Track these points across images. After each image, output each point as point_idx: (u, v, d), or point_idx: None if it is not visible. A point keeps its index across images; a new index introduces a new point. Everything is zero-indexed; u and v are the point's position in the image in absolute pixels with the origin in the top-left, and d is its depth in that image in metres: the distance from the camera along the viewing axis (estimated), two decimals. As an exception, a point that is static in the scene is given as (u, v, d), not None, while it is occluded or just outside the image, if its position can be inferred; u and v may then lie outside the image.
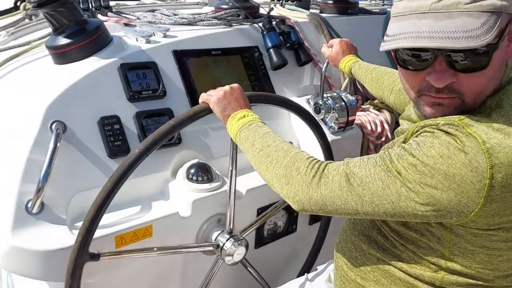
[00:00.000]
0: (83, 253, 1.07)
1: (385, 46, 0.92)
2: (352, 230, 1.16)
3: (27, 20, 1.98)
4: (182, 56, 1.57)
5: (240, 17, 1.86)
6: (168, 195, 1.42)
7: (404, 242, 1.03)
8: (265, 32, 1.81)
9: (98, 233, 1.17)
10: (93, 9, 1.82)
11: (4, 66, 1.58)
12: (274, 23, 1.89)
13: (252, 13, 1.88)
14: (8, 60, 1.59)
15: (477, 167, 0.82)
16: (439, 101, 0.93)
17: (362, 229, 1.13)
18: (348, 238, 1.17)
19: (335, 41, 1.77)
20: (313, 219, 1.80)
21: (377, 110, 1.98)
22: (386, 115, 1.95)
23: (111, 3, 2.06)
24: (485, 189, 0.82)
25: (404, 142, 0.97)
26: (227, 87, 1.22)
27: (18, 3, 2.18)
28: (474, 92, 0.91)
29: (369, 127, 1.89)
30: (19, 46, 1.66)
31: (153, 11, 2.06)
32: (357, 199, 0.92)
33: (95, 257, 1.10)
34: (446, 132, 0.86)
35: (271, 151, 1.06)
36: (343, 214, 0.96)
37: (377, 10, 2.49)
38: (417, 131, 0.94)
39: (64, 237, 1.16)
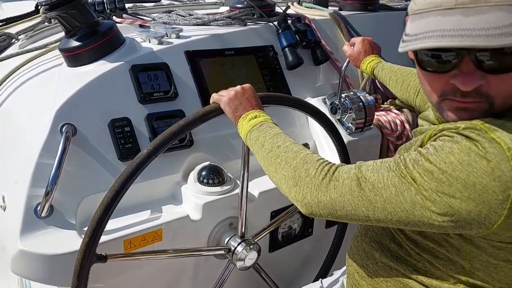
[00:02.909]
0: (89, 254, 1.05)
1: (406, 46, 0.85)
2: (363, 237, 1.10)
3: (46, 23, 2.01)
4: (194, 57, 1.55)
5: (255, 16, 1.83)
6: (179, 198, 1.40)
7: (420, 251, 0.97)
8: (280, 31, 1.77)
9: (106, 237, 1.17)
10: (108, 11, 1.82)
11: (20, 69, 1.59)
12: (289, 21, 1.85)
13: (267, 12, 1.84)
14: (25, 64, 1.61)
15: (500, 176, 0.75)
16: (464, 106, 0.85)
17: (374, 236, 1.08)
18: (359, 244, 1.11)
19: (358, 40, 1.68)
20: (330, 222, 1.75)
21: (398, 110, 1.91)
22: (407, 114, 1.89)
23: (129, 5, 2.08)
24: (510, 200, 0.76)
25: (421, 146, 0.91)
26: (238, 87, 1.19)
27: (39, 7, 2.21)
28: (504, 95, 0.83)
29: (388, 127, 1.82)
30: (35, 49, 1.68)
31: (169, 12, 2.05)
32: (369, 205, 0.87)
33: (102, 258, 1.09)
34: (467, 137, 0.80)
35: (280, 152, 1.02)
36: (354, 220, 0.91)
37: (399, 6, 2.40)
38: (435, 134, 0.88)
39: (73, 241, 1.15)
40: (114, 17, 1.81)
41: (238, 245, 1.33)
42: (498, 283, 0.91)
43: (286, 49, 1.75)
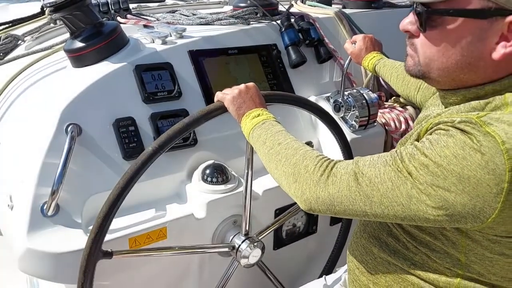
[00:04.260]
0: (95, 250, 1.07)
1: None
2: (362, 233, 1.12)
3: (52, 25, 2.03)
4: (198, 56, 1.56)
5: (258, 15, 1.83)
6: (183, 197, 1.41)
7: (417, 245, 0.98)
8: (283, 30, 1.78)
9: (111, 235, 1.18)
10: (112, 11, 1.83)
11: (26, 70, 1.61)
12: (293, 20, 1.85)
13: (270, 11, 1.85)
14: (31, 65, 1.63)
15: (494, 170, 0.76)
16: (407, 50, 0.98)
17: (372, 231, 1.09)
18: (358, 241, 1.12)
19: (359, 37, 1.69)
20: (334, 219, 1.76)
21: (402, 107, 1.91)
22: (410, 111, 1.89)
23: (133, 5, 2.09)
24: (503, 194, 0.76)
25: (417, 140, 0.92)
26: (242, 86, 1.20)
27: (45, 8, 2.23)
28: (425, 55, 0.93)
29: (392, 125, 1.82)
30: (41, 50, 1.70)
31: (173, 12, 2.07)
32: (366, 200, 0.88)
33: (108, 255, 1.11)
34: (462, 131, 0.81)
35: (281, 149, 1.03)
36: (352, 216, 0.92)
37: (403, 3, 2.40)
38: (431, 128, 0.89)
39: (79, 239, 1.17)
40: (118, 18, 1.82)
41: (242, 242, 1.34)
42: (493, 276, 0.91)
43: (289, 47, 1.76)
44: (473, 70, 0.89)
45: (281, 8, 1.96)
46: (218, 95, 1.23)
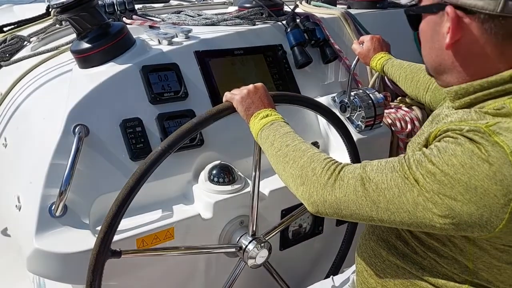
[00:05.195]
0: (104, 249, 1.07)
1: None
2: (371, 235, 1.11)
3: (57, 26, 2.03)
4: (204, 57, 1.56)
5: (264, 16, 1.83)
6: (190, 197, 1.41)
7: (426, 250, 0.97)
8: (288, 30, 1.78)
9: (119, 235, 1.19)
10: (118, 12, 1.84)
11: (32, 71, 1.61)
12: (298, 20, 1.85)
13: (275, 11, 1.85)
14: (37, 66, 1.63)
15: (502, 180, 0.76)
16: None
17: (381, 234, 1.08)
18: (367, 243, 1.12)
19: (366, 38, 1.68)
20: (340, 220, 1.76)
21: (408, 107, 1.91)
22: (417, 112, 1.88)
23: (139, 6, 2.09)
24: (511, 205, 0.76)
25: (426, 145, 0.92)
26: (251, 86, 1.20)
27: (50, 9, 2.23)
28: (423, 54, 0.99)
29: (398, 125, 1.82)
30: (47, 51, 1.70)
31: (178, 12, 2.07)
32: (372, 205, 0.88)
33: (117, 254, 1.11)
34: (470, 139, 0.80)
35: (289, 151, 1.03)
36: (358, 220, 0.92)
37: (408, 3, 2.40)
38: (440, 135, 0.88)
39: (87, 240, 1.17)
40: (124, 19, 1.82)
41: (249, 243, 1.34)
42: (502, 284, 0.91)
43: (295, 48, 1.76)
44: (444, 65, 0.94)
45: (286, 8, 1.96)
46: (227, 95, 1.23)
